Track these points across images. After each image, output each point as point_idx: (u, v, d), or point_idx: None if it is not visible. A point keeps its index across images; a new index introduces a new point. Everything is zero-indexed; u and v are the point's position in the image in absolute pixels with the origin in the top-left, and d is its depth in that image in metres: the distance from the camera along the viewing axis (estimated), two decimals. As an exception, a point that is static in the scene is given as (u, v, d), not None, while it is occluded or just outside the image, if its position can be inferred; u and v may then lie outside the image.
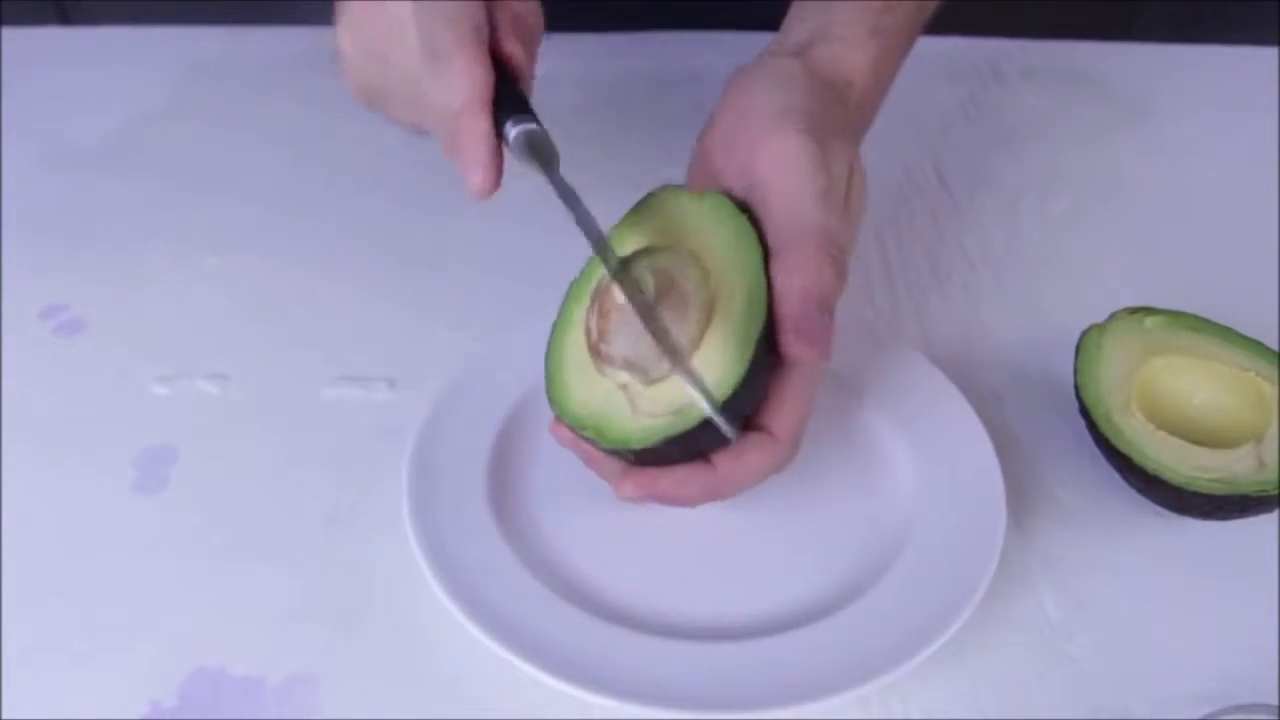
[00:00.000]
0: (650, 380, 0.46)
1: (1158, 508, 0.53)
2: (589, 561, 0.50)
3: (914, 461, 0.53)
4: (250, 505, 0.53)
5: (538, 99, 0.52)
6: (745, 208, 0.48)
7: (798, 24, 0.56)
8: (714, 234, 0.48)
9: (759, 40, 0.64)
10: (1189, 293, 0.60)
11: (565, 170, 0.52)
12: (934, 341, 0.61)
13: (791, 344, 0.45)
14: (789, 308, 0.46)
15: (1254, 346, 0.54)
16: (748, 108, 0.51)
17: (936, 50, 0.82)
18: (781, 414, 0.47)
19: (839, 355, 0.56)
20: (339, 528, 0.52)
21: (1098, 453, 0.54)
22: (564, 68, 0.78)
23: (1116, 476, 0.53)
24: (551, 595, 0.48)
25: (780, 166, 0.48)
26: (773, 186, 0.48)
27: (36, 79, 0.77)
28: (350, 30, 0.51)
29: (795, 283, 0.46)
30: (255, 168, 0.71)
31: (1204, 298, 0.58)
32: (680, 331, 0.45)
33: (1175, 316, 0.56)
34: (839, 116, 0.52)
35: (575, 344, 0.48)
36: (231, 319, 0.61)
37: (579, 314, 0.49)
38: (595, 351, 0.46)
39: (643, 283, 0.46)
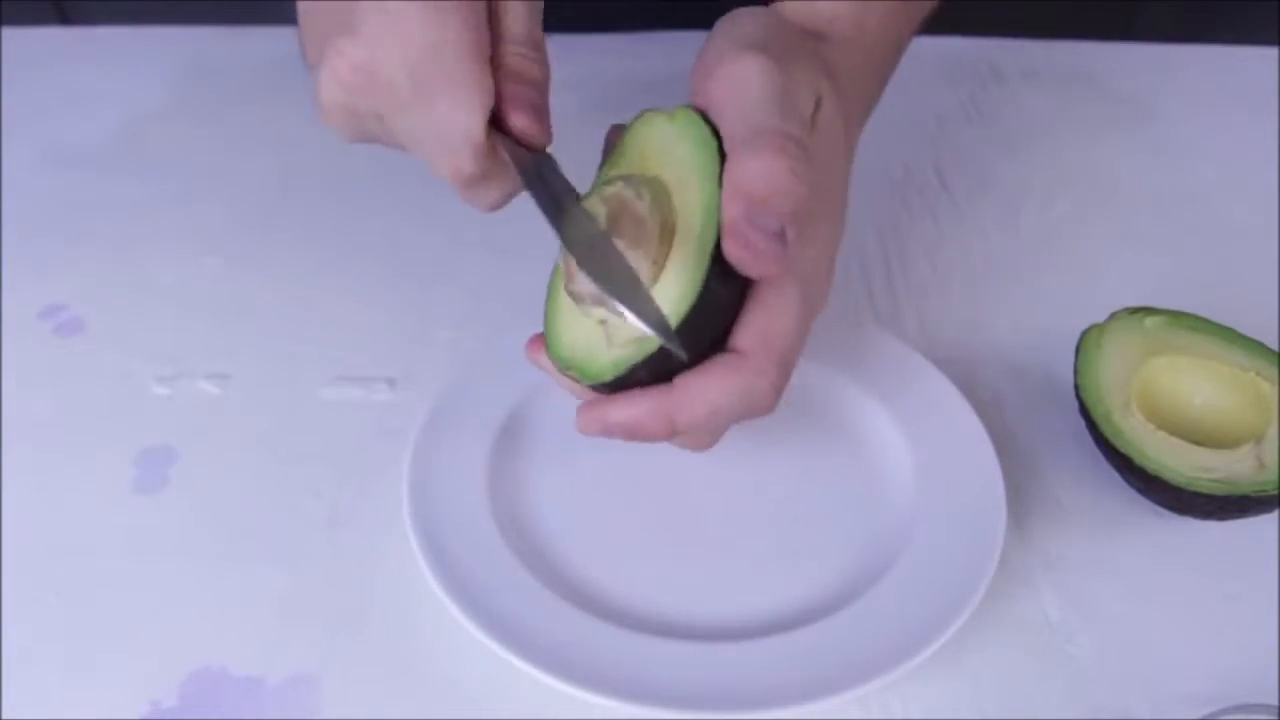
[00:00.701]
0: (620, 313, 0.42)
1: (1158, 508, 0.53)
2: (589, 561, 0.50)
3: (914, 461, 0.53)
4: (250, 505, 0.53)
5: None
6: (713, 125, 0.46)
7: None
8: (679, 150, 0.45)
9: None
10: (1189, 293, 0.60)
11: (568, 170, 0.52)
12: (934, 341, 0.61)
13: (731, 249, 0.41)
14: (730, 210, 0.41)
15: (1254, 346, 0.54)
16: (711, 43, 0.48)
17: (936, 50, 0.83)
18: (748, 327, 0.43)
19: (839, 355, 0.57)
20: (339, 528, 0.52)
21: (1098, 453, 0.54)
22: (563, 68, 0.77)
23: (1116, 476, 0.53)
24: (551, 595, 0.48)
25: (734, 82, 0.45)
26: (726, 100, 0.45)
27: (36, 79, 0.77)
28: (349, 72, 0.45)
29: (743, 182, 0.41)
30: (255, 168, 0.71)
31: (1204, 298, 0.59)
32: (638, 257, 0.43)
33: (1175, 316, 0.56)
34: (805, 49, 0.49)
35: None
36: (231, 319, 0.61)
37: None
38: (568, 291, 0.45)
39: (593, 218, 0.43)
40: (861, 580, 0.49)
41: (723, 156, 0.43)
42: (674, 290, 0.42)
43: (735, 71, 0.45)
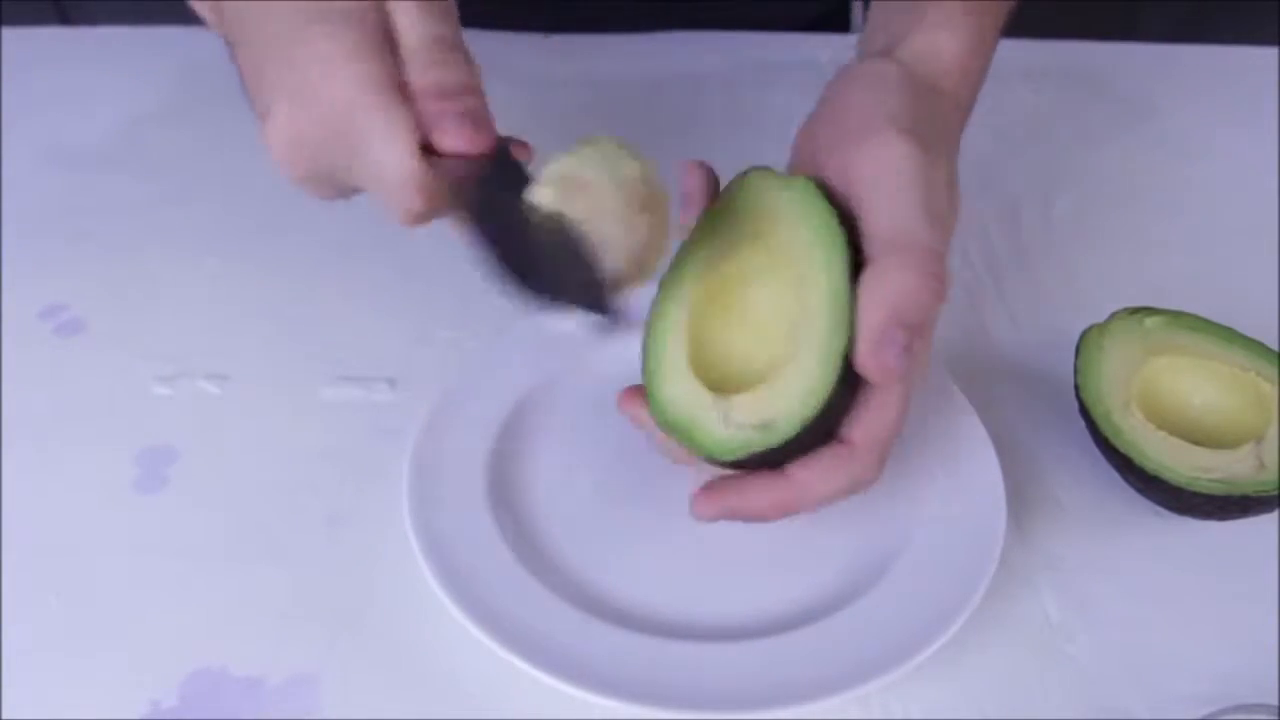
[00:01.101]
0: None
1: (1158, 508, 0.53)
2: (589, 562, 0.50)
3: (914, 461, 0.53)
4: (250, 505, 0.53)
5: (538, 98, 0.52)
6: (836, 201, 0.46)
7: (883, 23, 0.53)
8: (798, 226, 0.46)
9: (759, 40, 0.64)
10: (1189, 293, 0.60)
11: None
12: (934, 341, 0.60)
13: (865, 361, 0.43)
14: (872, 320, 0.43)
15: (1254, 346, 0.54)
16: (847, 107, 0.48)
17: (937, 50, 0.83)
18: (860, 423, 0.44)
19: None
20: (339, 528, 0.52)
21: (1098, 453, 0.54)
22: (563, 68, 0.78)
23: (1116, 476, 0.53)
24: (551, 595, 0.48)
25: (884, 169, 0.45)
26: (874, 188, 0.45)
27: (36, 79, 0.77)
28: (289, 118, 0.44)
29: (888, 296, 0.43)
30: (255, 168, 0.71)
31: (1204, 298, 0.58)
32: (607, 222, 0.42)
33: (1175, 316, 0.56)
34: (940, 117, 0.49)
35: (672, 341, 0.47)
36: (231, 319, 0.61)
37: (676, 312, 0.48)
38: None
39: (537, 209, 0.42)
40: (862, 580, 0.50)
41: (853, 247, 0.44)
42: (801, 385, 0.44)
43: (884, 156, 0.45)
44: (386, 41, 0.44)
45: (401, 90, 0.43)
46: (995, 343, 0.61)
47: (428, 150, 0.43)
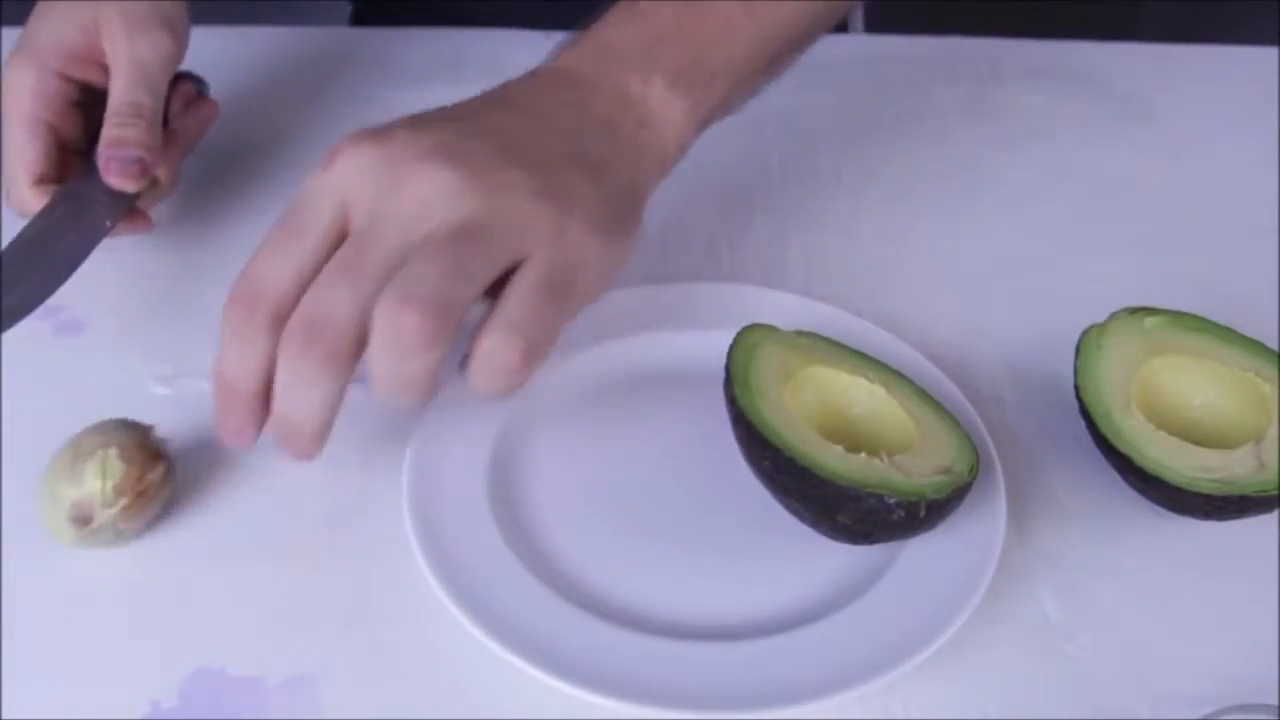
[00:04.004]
0: None
1: (1158, 508, 0.53)
2: (589, 561, 0.50)
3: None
4: (250, 505, 0.53)
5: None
6: None
7: None
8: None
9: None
10: (1189, 293, 0.60)
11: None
12: (934, 341, 0.61)
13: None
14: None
15: (1254, 346, 0.54)
16: None
17: (936, 50, 0.83)
18: None
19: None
20: (339, 528, 0.52)
21: (1098, 453, 0.54)
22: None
23: (1116, 476, 0.53)
24: (551, 595, 0.48)
25: None
26: None
27: (36, 79, 0.77)
28: None
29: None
30: (255, 167, 0.71)
31: (1204, 298, 0.59)
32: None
33: (1175, 316, 0.56)
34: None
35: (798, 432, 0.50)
36: (231, 319, 0.61)
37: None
38: None
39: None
40: (862, 580, 0.50)
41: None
42: (948, 453, 0.50)
43: None
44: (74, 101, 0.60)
45: (44, 130, 0.59)
46: (995, 343, 0.61)
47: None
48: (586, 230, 0.47)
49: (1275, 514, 0.52)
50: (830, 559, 0.51)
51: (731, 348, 0.53)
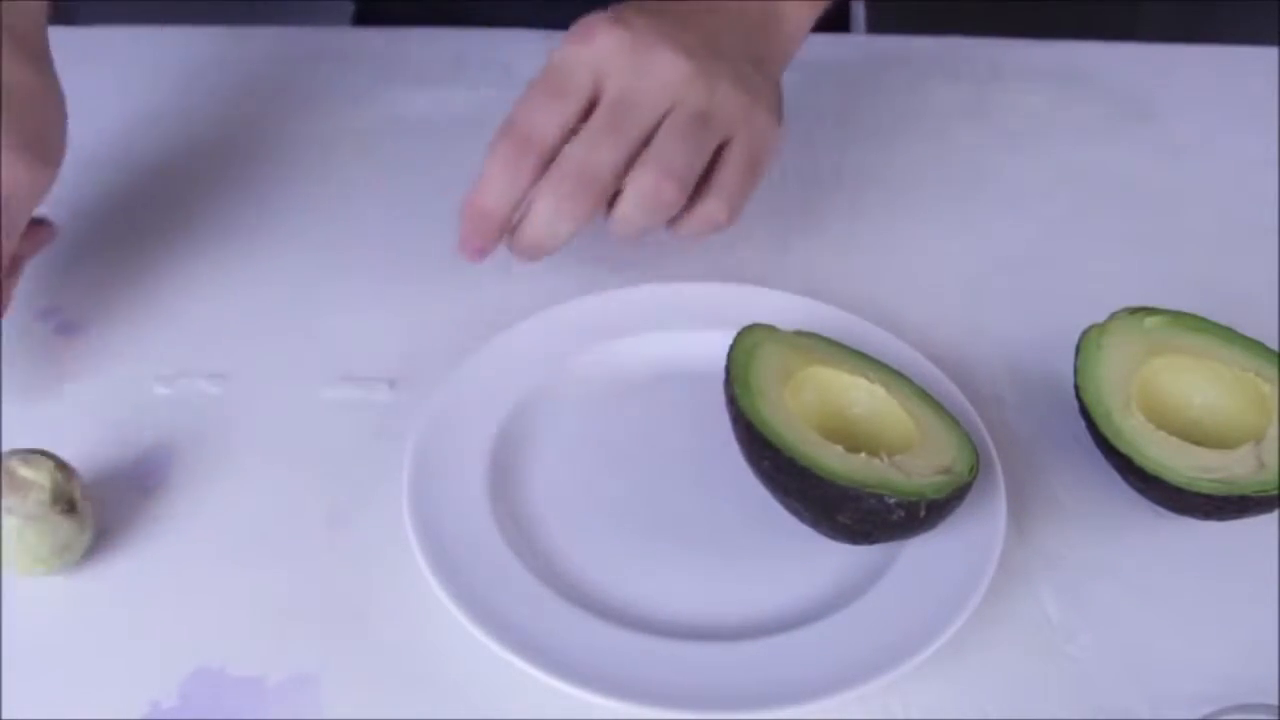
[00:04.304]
0: None
1: (1158, 508, 0.53)
2: (589, 561, 0.50)
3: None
4: (250, 505, 0.53)
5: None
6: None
7: None
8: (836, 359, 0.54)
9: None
10: (1189, 293, 0.60)
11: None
12: (934, 341, 0.61)
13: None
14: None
15: (1254, 346, 0.54)
16: None
17: (936, 50, 0.83)
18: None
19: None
20: (339, 528, 0.52)
21: (1098, 453, 0.54)
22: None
23: (1116, 476, 0.53)
24: (551, 595, 0.48)
25: None
26: None
27: (36, 79, 0.77)
28: None
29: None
30: (255, 168, 0.71)
31: (1204, 298, 0.59)
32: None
33: (1175, 316, 0.56)
34: None
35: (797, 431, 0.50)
36: (231, 319, 0.61)
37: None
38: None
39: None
40: (862, 580, 0.50)
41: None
42: (947, 453, 0.50)
43: None
44: None
45: None
46: (995, 343, 0.61)
47: None
48: (768, 115, 0.56)
49: (1275, 514, 0.52)
50: (830, 559, 0.51)
51: (731, 348, 0.53)
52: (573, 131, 0.53)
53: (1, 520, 0.47)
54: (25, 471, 0.47)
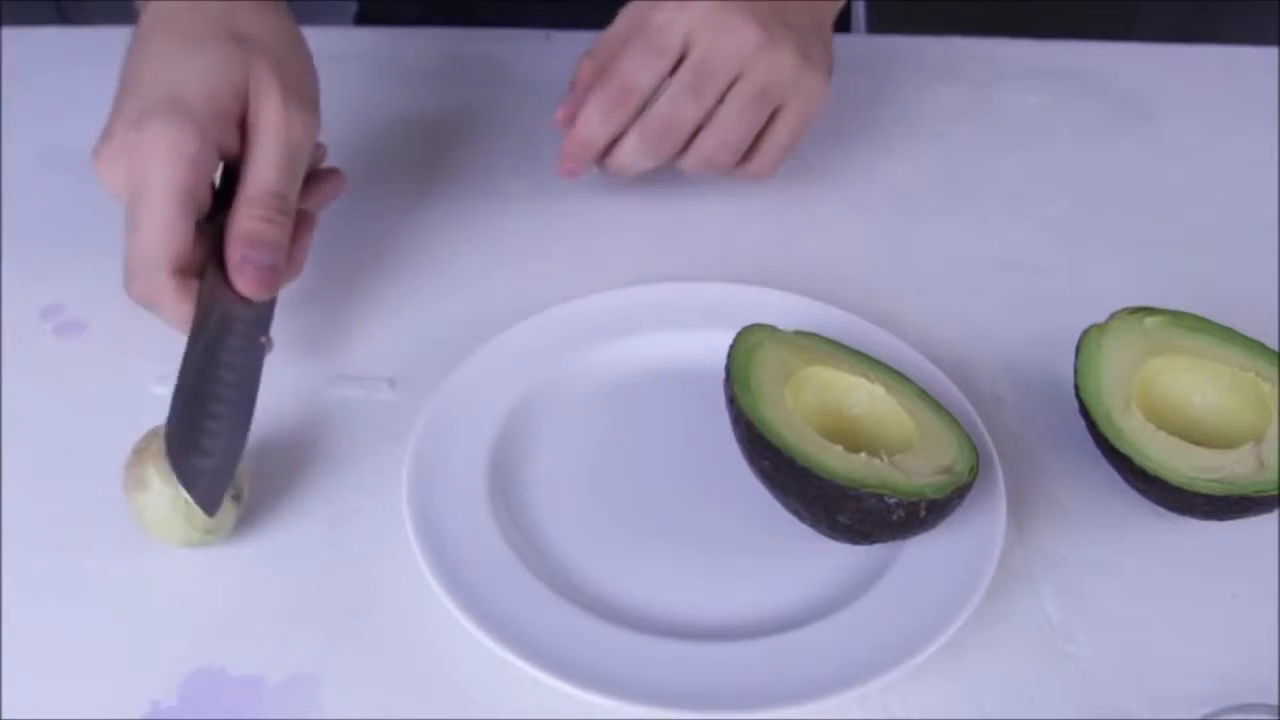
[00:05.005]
0: None
1: (1158, 508, 0.53)
2: (589, 561, 0.50)
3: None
4: (251, 505, 0.53)
5: (538, 98, 0.52)
6: None
7: None
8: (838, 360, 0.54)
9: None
10: (1189, 293, 0.60)
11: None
12: (934, 341, 0.61)
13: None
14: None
15: (1254, 346, 0.54)
16: None
17: (936, 50, 0.83)
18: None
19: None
20: (339, 528, 0.52)
21: (1098, 453, 0.54)
22: (563, 68, 0.78)
23: (1116, 476, 0.53)
24: (551, 595, 0.48)
25: None
26: None
27: (36, 79, 0.77)
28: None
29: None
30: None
31: (1204, 298, 0.59)
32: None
33: (1175, 316, 0.56)
34: None
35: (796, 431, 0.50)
36: (231, 319, 0.61)
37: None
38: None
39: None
40: (862, 580, 0.50)
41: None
42: (949, 453, 0.50)
43: None
44: (220, 177, 0.54)
45: (193, 211, 0.51)
46: (995, 343, 0.61)
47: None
48: (821, 80, 0.62)
49: (1275, 514, 0.52)
50: (830, 559, 0.51)
51: (731, 348, 0.53)
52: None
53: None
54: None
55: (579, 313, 0.59)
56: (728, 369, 0.52)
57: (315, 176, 0.59)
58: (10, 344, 0.59)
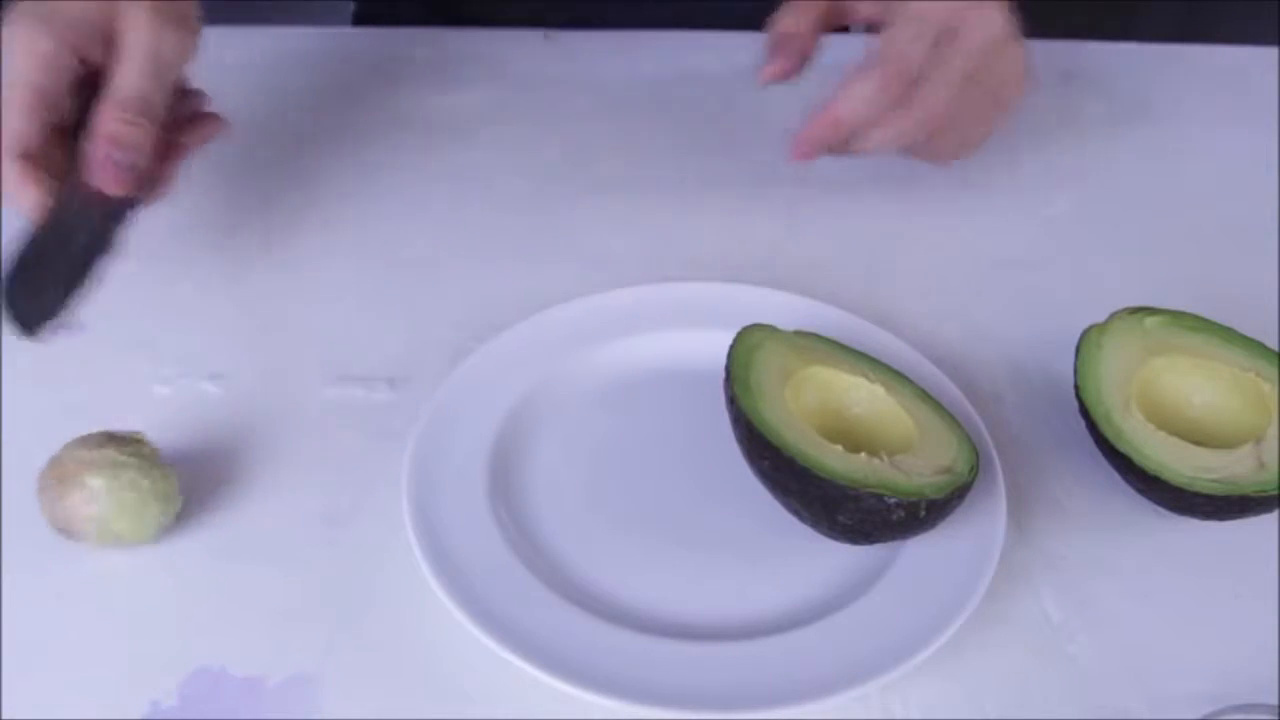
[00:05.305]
0: None
1: (1158, 508, 0.53)
2: (589, 561, 0.50)
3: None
4: (250, 505, 0.53)
5: (538, 98, 0.51)
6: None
7: None
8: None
9: (758, 40, 0.64)
10: (1189, 293, 0.60)
11: (568, 170, 0.51)
12: (934, 341, 0.61)
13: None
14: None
15: (1254, 346, 0.54)
16: None
17: (936, 50, 0.82)
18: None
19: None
20: (339, 528, 0.52)
21: (1098, 453, 0.54)
22: (563, 68, 0.78)
23: (1116, 476, 0.53)
24: (551, 595, 0.48)
25: None
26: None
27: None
28: None
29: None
30: (254, 167, 0.71)
31: (1204, 298, 0.59)
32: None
33: (1175, 316, 0.56)
34: None
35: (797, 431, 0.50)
36: (232, 319, 0.61)
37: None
38: None
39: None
40: (862, 580, 0.50)
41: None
42: (948, 453, 0.51)
43: None
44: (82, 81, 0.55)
45: (43, 109, 0.54)
46: (995, 343, 0.61)
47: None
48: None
49: (1275, 514, 0.52)
50: (830, 559, 0.51)
51: (731, 348, 0.53)
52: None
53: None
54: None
55: (579, 313, 0.59)
56: (728, 369, 0.52)
57: (197, 118, 0.62)
58: (10, 344, 0.59)
